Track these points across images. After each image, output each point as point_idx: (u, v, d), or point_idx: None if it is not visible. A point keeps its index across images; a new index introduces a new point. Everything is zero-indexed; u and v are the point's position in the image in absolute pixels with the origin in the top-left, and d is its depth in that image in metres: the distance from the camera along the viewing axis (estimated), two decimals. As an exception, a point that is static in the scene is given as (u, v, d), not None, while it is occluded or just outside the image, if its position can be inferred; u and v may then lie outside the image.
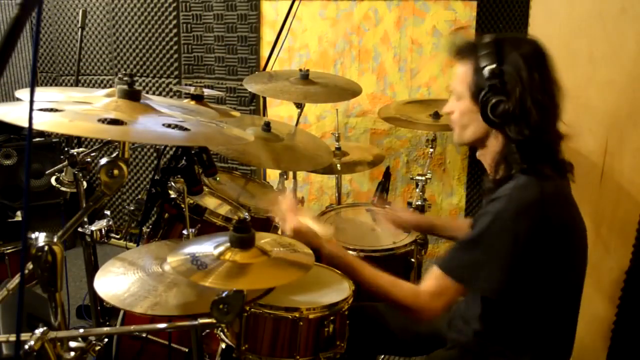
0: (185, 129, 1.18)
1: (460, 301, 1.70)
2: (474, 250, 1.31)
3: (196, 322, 1.12)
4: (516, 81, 1.29)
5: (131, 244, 1.99)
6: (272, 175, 2.91)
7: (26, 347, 0.98)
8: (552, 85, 1.34)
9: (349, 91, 2.40)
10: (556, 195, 1.33)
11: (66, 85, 3.61)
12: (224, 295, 1.09)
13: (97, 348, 1.10)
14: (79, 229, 1.56)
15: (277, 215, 1.56)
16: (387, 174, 2.32)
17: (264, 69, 2.73)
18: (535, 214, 1.27)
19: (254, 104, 3.09)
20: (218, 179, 2.15)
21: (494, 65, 1.31)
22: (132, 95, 1.23)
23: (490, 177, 1.44)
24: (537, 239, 1.28)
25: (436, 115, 2.33)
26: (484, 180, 1.56)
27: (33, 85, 2.71)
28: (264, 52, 3.06)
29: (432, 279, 1.36)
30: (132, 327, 1.71)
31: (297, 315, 1.49)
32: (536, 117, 1.29)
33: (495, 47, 1.33)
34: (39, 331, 1.00)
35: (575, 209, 1.37)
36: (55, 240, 1.04)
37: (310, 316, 1.51)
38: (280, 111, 3.11)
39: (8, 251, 2.84)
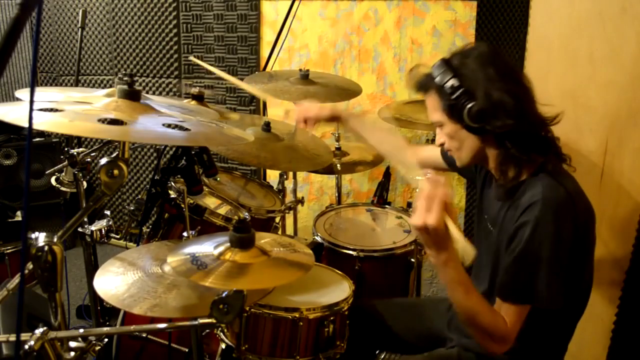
0: (185, 129, 1.18)
1: None
2: (525, 265, 1.27)
3: (196, 322, 1.12)
4: (475, 80, 1.31)
5: (131, 244, 1.99)
6: (272, 175, 2.91)
7: (26, 347, 0.98)
8: (512, 73, 1.35)
9: (349, 91, 2.40)
10: (577, 191, 1.33)
11: (66, 85, 3.61)
12: (224, 295, 1.09)
13: (97, 348, 1.10)
14: (79, 229, 1.56)
15: (419, 199, 1.23)
16: (387, 174, 2.32)
17: (264, 69, 2.73)
18: (569, 212, 1.27)
19: (254, 104, 3.09)
20: (218, 179, 2.15)
21: (451, 79, 1.33)
22: (132, 95, 1.23)
23: (498, 183, 1.43)
24: (575, 237, 1.28)
25: (436, 115, 2.33)
26: (487, 182, 1.56)
27: (33, 85, 2.71)
28: (264, 52, 3.06)
29: (504, 312, 1.29)
30: (132, 327, 1.71)
31: (297, 316, 1.50)
32: (510, 103, 1.29)
33: (446, 65, 1.35)
34: (39, 331, 1.00)
35: (592, 206, 1.36)
36: (55, 240, 1.04)
37: (310, 316, 1.51)
38: (280, 111, 3.10)
39: (8, 251, 2.85)
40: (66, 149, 2.45)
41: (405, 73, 2.81)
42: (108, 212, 1.63)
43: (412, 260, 2.03)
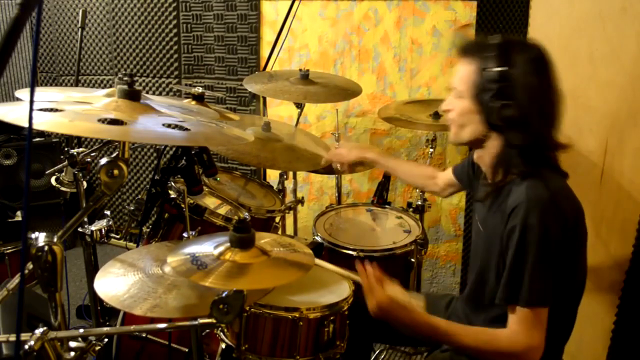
0: (185, 129, 1.18)
1: (456, 301, 1.70)
2: (518, 268, 1.28)
3: (196, 322, 1.12)
4: (523, 87, 1.28)
5: (131, 244, 1.99)
6: (272, 175, 2.91)
7: (26, 347, 0.98)
8: (554, 93, 1.34)
9: (349, 91, 2.40)
10: (562, 190, 1.33)
11: (66, 85, 3.61)
12: (224, 295, 1.09)
13: (97, 348, 1.10)
14: (79, 229, 1.56)
15: (364, 286, 1.42)
16: (387, 174, 2.32)
17: (264, 69, 2.73)
18: (554, 211, 1.27)
19: (254, 104, 3.09)
20: (218, 179, 2.15)
21: (501, 68, 1.28)
22: (132, 95, 1.23)
23: (487, 181, 1.44)
24: (563, 235, 1.28)
25: (436, 115, 2.33)
26: (479, 184, 1.57)
27: (33, 85, 2.71)
28: (264, 52, 3.06)
29: (512, 319, 1.30)
30: (132, 327, 1.71)
31: (297, 315, 1.50)
32: (538, 125, 1.29)
33: (503, 50, 1.30)
34: (39, 331, 1.00)
35: (579, 202, 1.36)
36: (55, 240, 1.04)
37: (310, 316, 1.51)
38: (280, 111, 3.11)
39: (8, 251, 2.85)
40: (66, 149, 2.45)
41: (406, 73, 2.81)
42: (108, 212, 1.63)
43: (412, 260, 2.02)
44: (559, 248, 1.28)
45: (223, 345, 1.59)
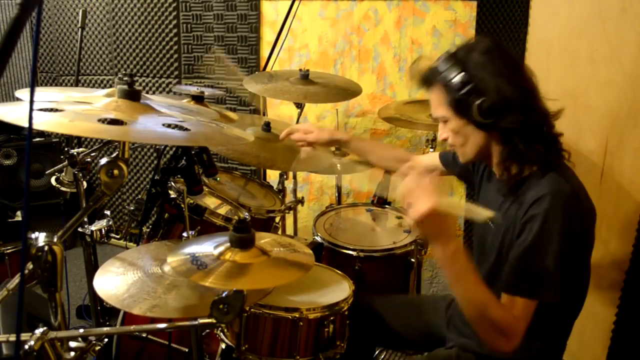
0: (185, 129, 1.18)
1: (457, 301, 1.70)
2: (534, 258, 1.26)
3: (196, 322, 1.12)
4: (484, 75, 1.29)
5: (131, 244, 1.99)
6: (272, 175, 2.91)
7: (26, 347, 0.98)
8: (518, 67, 1.35)
9: (349, 91, 2.40)
10: (581, 187, 1.34)
11: (66, 85, 3.61)
12: (224, 295, 1.09)
13: (97, 348, 1.10)
14: (79, 229, 1.55)
15: (407, 195, 1.24)
16: (386, 172, 2.31)
17: (264, 69, 2.73)
18: (576, 207, 1.27)
19: (254, 104, 3.09)
20: (218, 179, 2.15)
21: (460, 74, 1.31)
22: (132, 95, 1.23)
23: (500, 179, 1.43)
24: (580, 232, 1.28)
25: (436, 115, 2.33)
26: (480, 180, 1.56)
27: (33, 85, 2.71)
28: (264, 52, 3.06)
29: (510, 305, 1.27)
30: (132, 327, 1.71)
31: (297, 316, 1.50)
32: (520, 98, 1.29)
33: (453, 59, 1.34)
34: (39, 331, 1.00)
35: (592, 202, 1.36)
36: (55, 240, 1.04)
37: (310, 316, 1.51)
38: (280, 111, 3.11)
39: (8, 251, 2.84)
40: (66, 149, 2.45)
41: (405, 73, 2.81)
42: (108, 212, 1.63)
43: (412, 260, 2.02)
44: (577, 244, 1.28)
45: (223, 345, 1.59)
